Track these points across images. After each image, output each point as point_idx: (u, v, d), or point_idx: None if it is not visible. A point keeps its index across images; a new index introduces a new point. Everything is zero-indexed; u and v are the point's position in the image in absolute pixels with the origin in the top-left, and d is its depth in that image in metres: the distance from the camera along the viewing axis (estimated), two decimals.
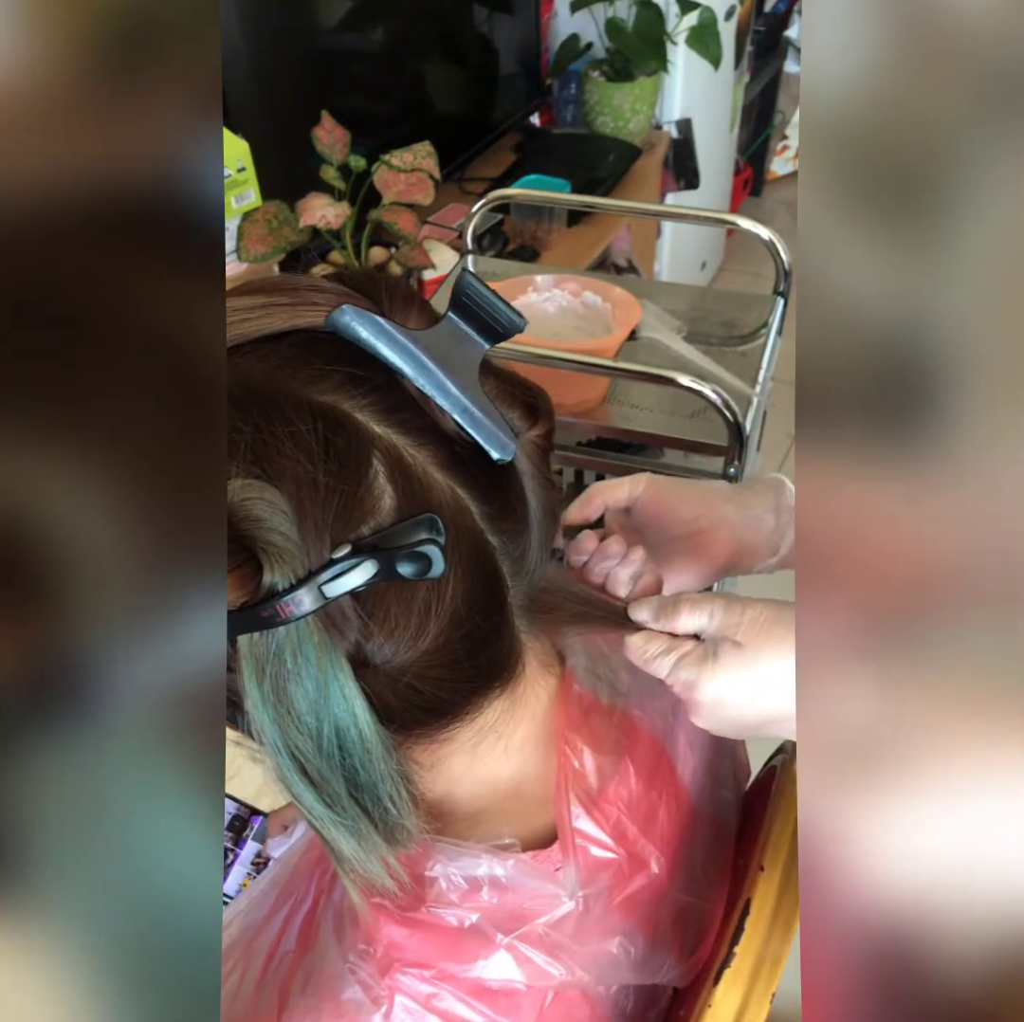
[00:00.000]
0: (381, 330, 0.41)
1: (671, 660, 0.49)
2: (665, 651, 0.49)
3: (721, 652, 0.47)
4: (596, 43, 2.28)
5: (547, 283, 1.25)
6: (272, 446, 0.38)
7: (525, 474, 0.46)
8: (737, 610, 0.47)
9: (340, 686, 0.40)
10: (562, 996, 0.50)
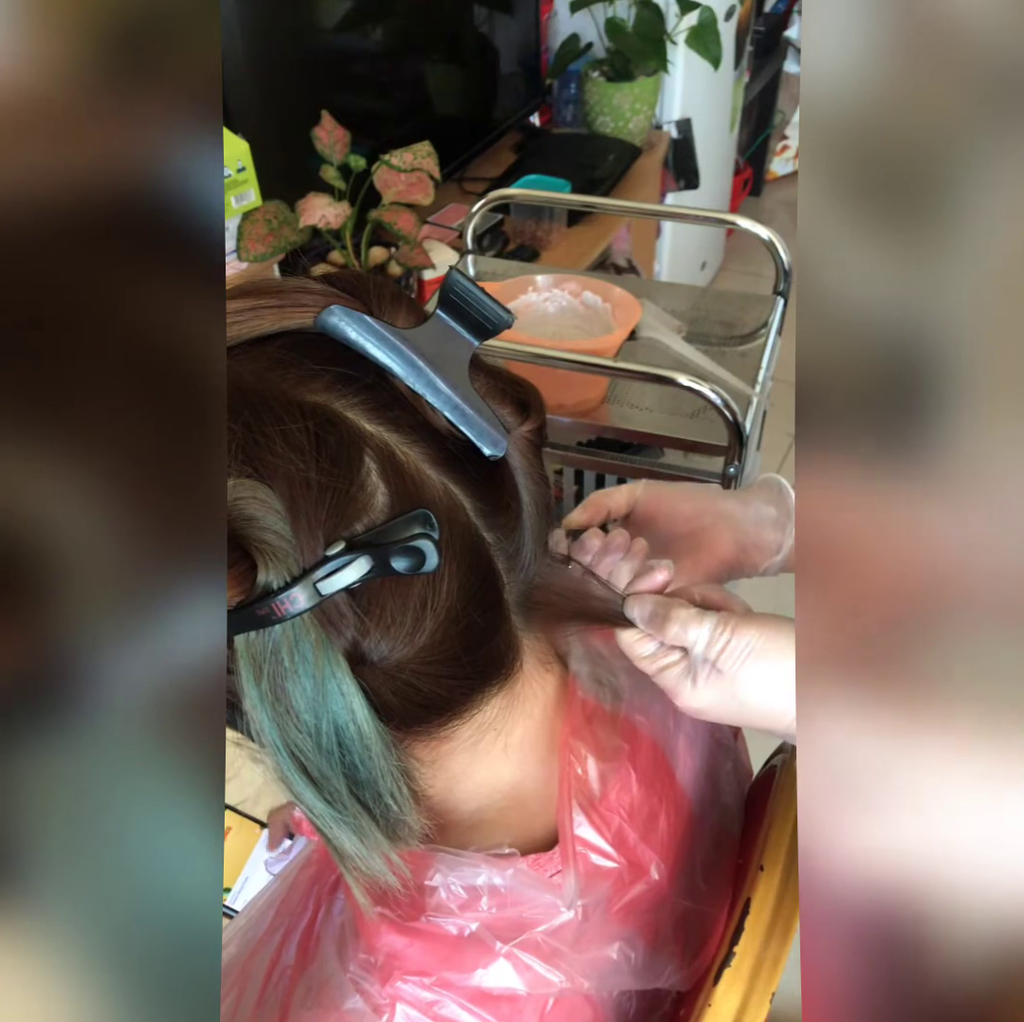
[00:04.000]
0: (370, 329, 0.41)
1: (655, 667, 0.50)
2: (651, 658, 0.50)
3: (700, 675, 0.48)
4: (596, 43, 2.28)
5: (547, 283, 1.25)
6: (264, 445, 0.38)
7: (518, 470, 0.46)
8: (723, 637, 0.48)
9: (338, 683, 0.40)
10: (564, 1001, 0.50)
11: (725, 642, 0.47)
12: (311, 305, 0.42)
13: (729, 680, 0.48)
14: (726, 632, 0.48)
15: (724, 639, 0.48)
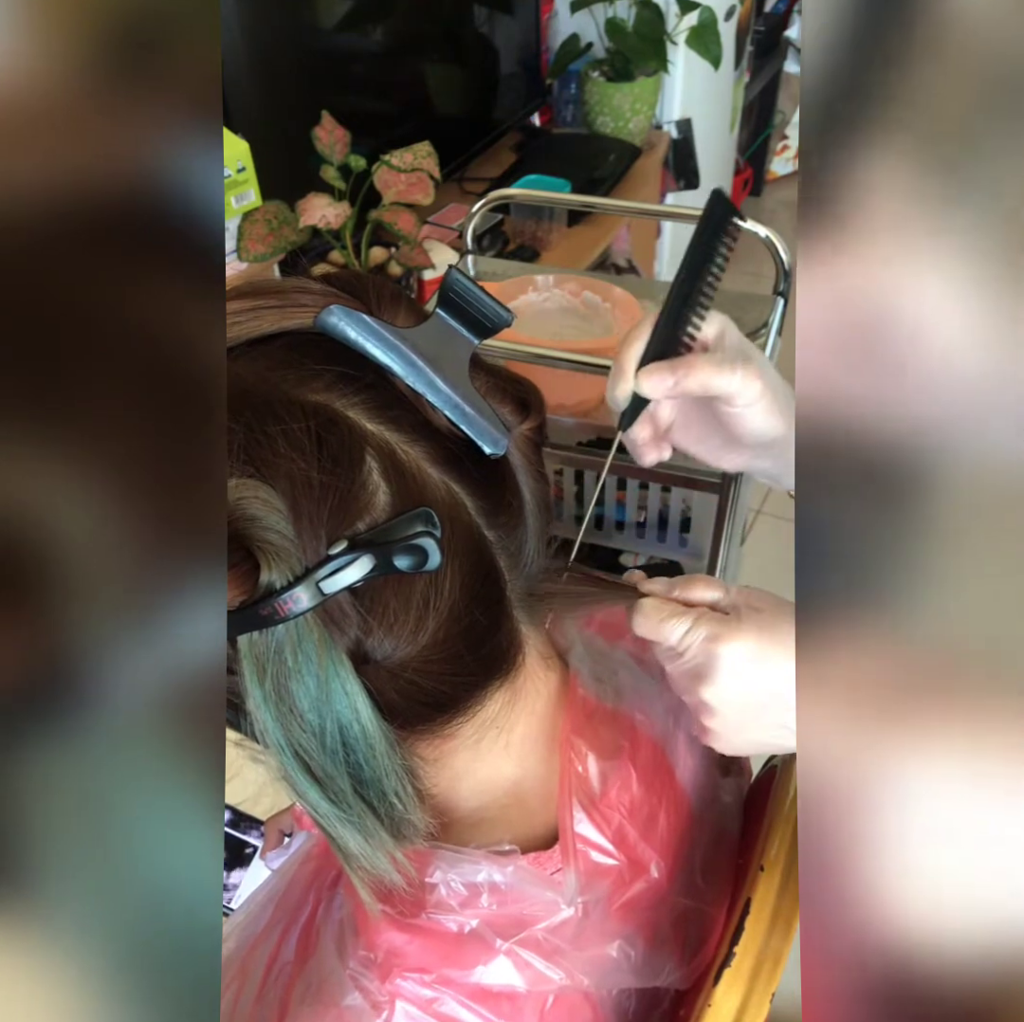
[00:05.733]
0: (369, 329, 0.41)
1: (686, 621, 0.48)
2: (681, 612, 0.48)
3: (744, 614, 0.48)
4: (596, 43, 2.28)
5: (547, 283, 1.25)
6: (265, 445, 0.38)
7: (518, 468, 0.46)
8: (750, 590, 0.49)
9: (341, 682, 0.40)
10: (563, 999, 0.50)
11: (757, 592, 0.49)
12: (311, 305, 0.42)
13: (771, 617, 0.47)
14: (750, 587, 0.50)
15: (753, 590, 0.49)
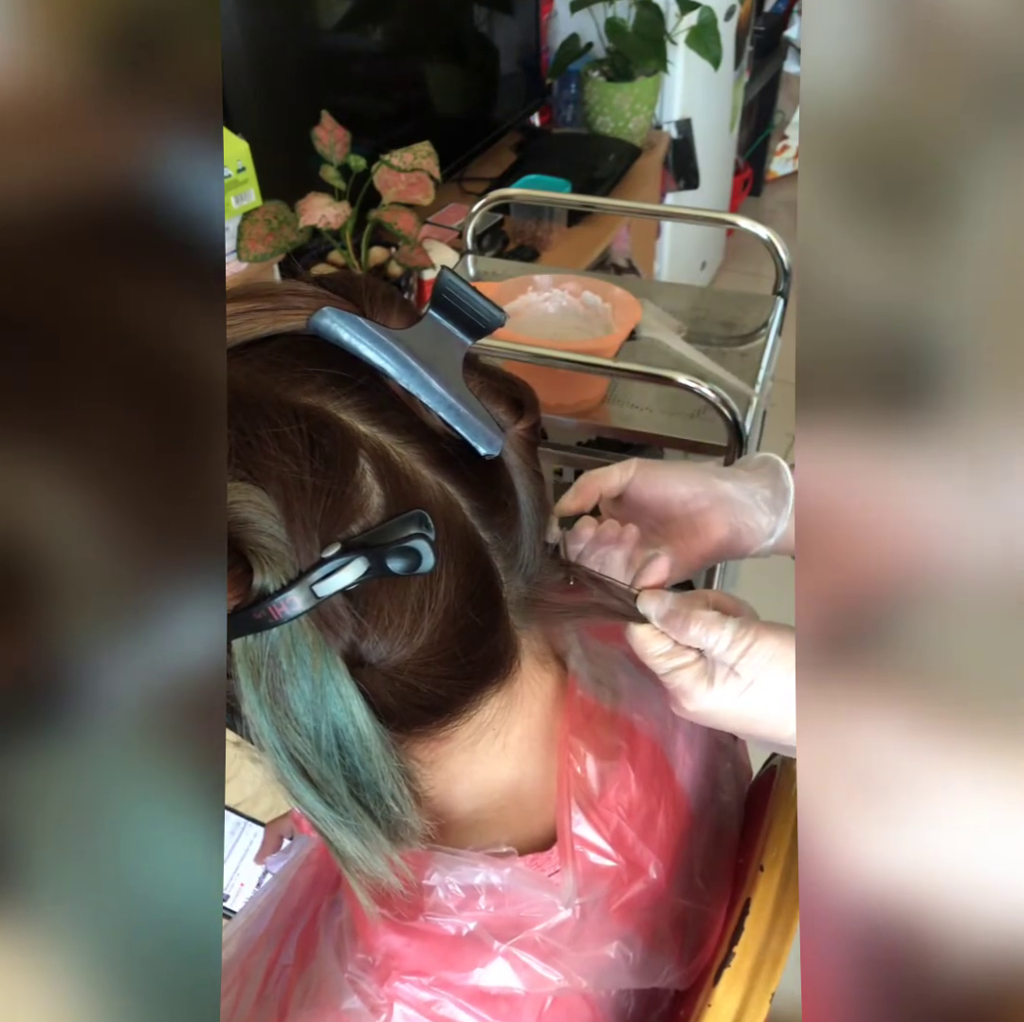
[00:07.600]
0: (362, 330, 0.41)
1: (670, 665, 0.50)
2: (667, 655, 0.50)
3: (718, 677, 0.48)
4: (596, 43, 2.28)
5: (547, 283, 1.25)
6: (257, 448, 0.38)
7: (514, 468, 0.46)
8: (745, 641, 0.48)
9: (336, 685, 0.40)
10: (562, 1000, 0.50)
11: (747, 646, 0.48)
12: (304, 307, 0.42)
13: (746, 683, 0.48)
14: (748, 636, 0.48)
15: (746, 643, 0.48)
